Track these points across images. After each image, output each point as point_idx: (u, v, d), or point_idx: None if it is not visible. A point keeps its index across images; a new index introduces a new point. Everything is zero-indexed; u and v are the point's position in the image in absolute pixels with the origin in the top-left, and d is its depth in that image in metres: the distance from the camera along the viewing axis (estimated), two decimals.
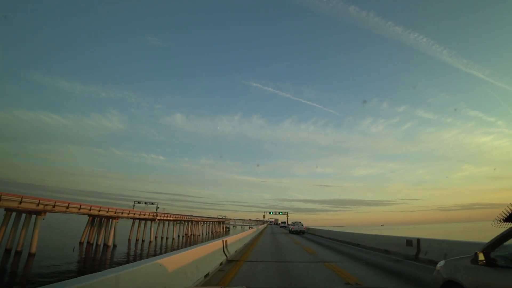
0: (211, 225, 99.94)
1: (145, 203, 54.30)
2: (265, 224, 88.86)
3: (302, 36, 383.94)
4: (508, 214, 2.33)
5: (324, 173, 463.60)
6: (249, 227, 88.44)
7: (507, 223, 2.40)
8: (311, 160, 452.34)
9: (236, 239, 12.57)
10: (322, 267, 8.70)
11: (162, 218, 55.09)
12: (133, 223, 50.33)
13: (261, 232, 35.11)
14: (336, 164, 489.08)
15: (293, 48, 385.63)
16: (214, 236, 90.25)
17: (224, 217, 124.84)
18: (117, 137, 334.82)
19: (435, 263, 4.36)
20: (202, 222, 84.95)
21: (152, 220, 49.92)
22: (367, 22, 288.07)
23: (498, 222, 2.44)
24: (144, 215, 47.24)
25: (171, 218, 58.42)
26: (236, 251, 11.67)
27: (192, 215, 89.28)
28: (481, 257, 2.88)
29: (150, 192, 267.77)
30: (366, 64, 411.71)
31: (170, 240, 58.56)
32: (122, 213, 39.84)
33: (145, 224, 50.32)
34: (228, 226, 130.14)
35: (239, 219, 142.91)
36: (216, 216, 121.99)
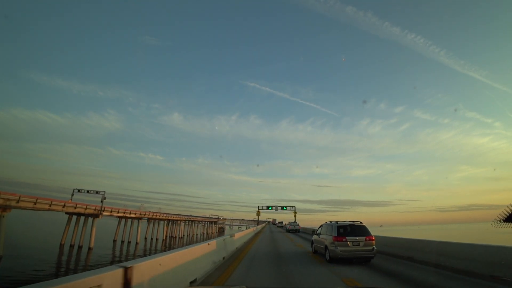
0: (201, 225, 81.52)
1: (88, 191, 36.67)
2: (263, 225, 71.88)
3: (299, 36, 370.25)
4: (508, 215, 2.23)
5: (322, 173, 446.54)
6: (246, 227, 77.65)
7: (507, 223, 2.29)
8: (309, 160, 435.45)
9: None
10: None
11: (118, 214, 37.28)
12: (69, 220, 32.63)
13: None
14: (334, 165, 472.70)
15: (290, 48, 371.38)
16: (204, 239, 72.12)
17: (217, 217, 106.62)
18: (115, 137, 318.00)
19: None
20: (186, 221, 66.85)
21: (95, 216, 32.13)
22: (364, 23, 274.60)
23: (498, 222, 2.33)
24: (75, 208, 29.25)
25: (133, 215, 40.52)
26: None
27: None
28: (314, 233, 12.28)
29: (148, 192, 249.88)
30: (364, 64, 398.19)
31: (133, 244, 40.79)
32: (18, 201, 22.09)
33: (84, 221, 32.61)
34: (222, 226, 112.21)
35: (236, 219, 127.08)
36: (208, 216, 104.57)
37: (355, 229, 9.37)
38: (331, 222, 10.42)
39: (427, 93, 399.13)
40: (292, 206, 57.45)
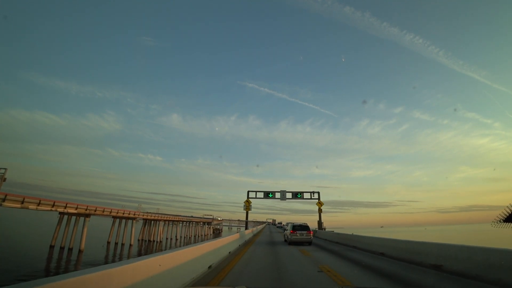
0: (186, 225, 67.71)
1: None
2: (262, 226, 58.84)
3: (297, 37, 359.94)
4: (507, 215, 2.19)
5: (322, 174, 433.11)
6: (245, 228, 62.98)
7: (507, 223, 2.25)
8: (309, 161, 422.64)
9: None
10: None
11: (41, 207, 23.74)
12: None
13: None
14: (334, 166, 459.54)
15: (289, 49, 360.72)
16: (196, 242, 58.54)
17: (211, 217, 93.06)
18: (114, 138, 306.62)
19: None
20: (170, 221, 53.26)
21: None
22: (362, 23, 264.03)
23: (498, 223, 2.28)
24: None
25: (74, 211, 27.01)
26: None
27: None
28: (287, 229, 19.30)
29: (147, 193, 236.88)
30: (362, 65, 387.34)
31: (75, 252, 27.43)
32: None
33: None
34: (218, 228, 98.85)
35: (235, 220, 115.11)
36: (202, 216, 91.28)
37: (302, 227, 17.00)
38: (292, 223, 18.57)
39: (426, 93, 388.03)
40: (314, 192, 31.40)
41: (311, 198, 31.75)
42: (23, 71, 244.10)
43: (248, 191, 30.32)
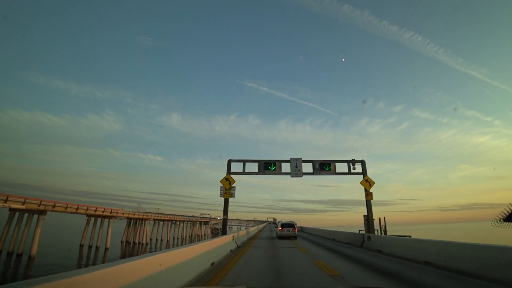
0: (185, 225, 61.69)
1: None
2: (262, 225, 53.22)
3: (296, 36, 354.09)
4: (508, 214, 2.15)
5: None
6: (245, 227, 59.74)
7: (507, 222, 2.20)
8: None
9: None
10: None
11: None
12: None
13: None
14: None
15: (288, 48, 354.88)
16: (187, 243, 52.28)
17: (209, 216, 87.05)
18: (114, 138, 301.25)
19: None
20: (156, 221, 47.08)
21: None
22: (361, 21, 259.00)
23: (498, 221, 2.23)
24: None
25: (20, 206, 20.86)
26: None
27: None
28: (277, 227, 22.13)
29: (147, 193, 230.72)
30: (362, 63, 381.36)
31: (24, 259, 21.27)
32: None
33: None
34: (218, 227, 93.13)
35: (235, 219, 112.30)
36: (199, 215, 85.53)
37: (289, 224, 19.97)
38: (281, 221, 21.72)
39: (426, 91, 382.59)
40: (354, 161, 17.43)
41: (349, 173, 17.42)
42: (22, 71, 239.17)
43: (230, 161, 17.25)
